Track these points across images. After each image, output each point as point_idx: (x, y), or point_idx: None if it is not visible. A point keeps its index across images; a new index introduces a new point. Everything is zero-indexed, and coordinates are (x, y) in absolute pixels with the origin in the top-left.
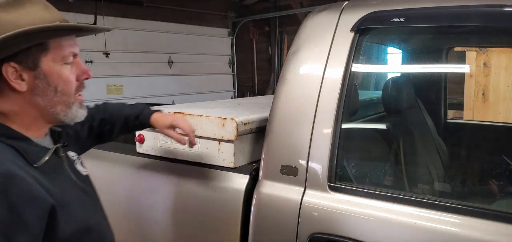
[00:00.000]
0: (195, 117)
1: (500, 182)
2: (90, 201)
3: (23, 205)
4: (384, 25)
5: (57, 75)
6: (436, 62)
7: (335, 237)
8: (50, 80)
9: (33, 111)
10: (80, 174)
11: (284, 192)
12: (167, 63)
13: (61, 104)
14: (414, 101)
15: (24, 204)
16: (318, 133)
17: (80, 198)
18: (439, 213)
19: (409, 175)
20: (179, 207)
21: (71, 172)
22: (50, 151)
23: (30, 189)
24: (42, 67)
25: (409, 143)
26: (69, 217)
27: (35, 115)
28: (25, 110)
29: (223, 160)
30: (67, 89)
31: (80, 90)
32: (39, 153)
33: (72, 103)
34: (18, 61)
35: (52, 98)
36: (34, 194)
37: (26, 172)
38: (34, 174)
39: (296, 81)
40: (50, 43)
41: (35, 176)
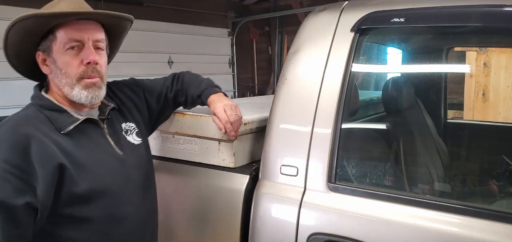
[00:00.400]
0: (195, 117)
1: (500, 182)
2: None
3: (38, 161)
4: (384, 25)
5: (61, 60)
6: (436, 62)
7: (335, 237)
8: (58, 64)
9: (59, 91)
10: (129, 143)
11: (284, 192)
12: (167, 63)
13: (67, 85)
14: (414, 101)
15: (39, 160)
16: (318, 133)
17: (108, 164)
18: (439, 213)
19: (409, 175)
20: (179, 207)
21: (111, 141)
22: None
23: (43, 149)
24: (53, 55)
25: (409, 143)
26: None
27: (60, 93)
28: (54, 89)
29: (223, 160)
30: (69, 72)
31: (86, 75)
32: (67, 122)
33: (74, 85)
34: (42, 49)
35: (61, 79)
36: (46, 153)
37: (46, 135)
38: (57, 138)
39: (296, 81)
40: (57, 32)
41: (56, 140)
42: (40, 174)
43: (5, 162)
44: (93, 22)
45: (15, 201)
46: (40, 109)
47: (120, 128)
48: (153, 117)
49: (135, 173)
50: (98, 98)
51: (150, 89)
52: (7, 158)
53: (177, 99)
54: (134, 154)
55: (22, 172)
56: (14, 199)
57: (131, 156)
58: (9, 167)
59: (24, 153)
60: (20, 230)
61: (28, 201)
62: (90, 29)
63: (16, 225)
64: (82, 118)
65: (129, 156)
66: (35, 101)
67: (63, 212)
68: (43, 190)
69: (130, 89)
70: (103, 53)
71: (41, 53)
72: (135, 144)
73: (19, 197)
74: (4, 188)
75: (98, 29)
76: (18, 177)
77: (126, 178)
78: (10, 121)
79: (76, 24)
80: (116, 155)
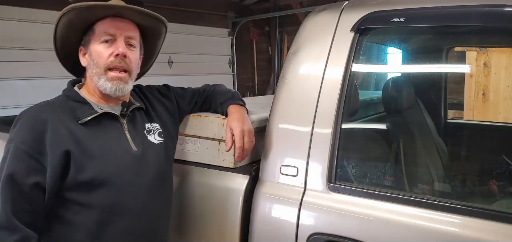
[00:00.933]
0: (195, 117)
1: (500, 182)
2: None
3: (50, 145)
4: (384, 25)
5: (94, 51)
6: (436, 62)
7: (335, 237)
8: (92, 56)
9: (91, 82)
10: (148, 141)
11: (284, 192)
12: (167, 63)
13: (96, 75)
14: (414, 101)
15: (50, 144)
16: (318, 133)
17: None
18: (439, 213)
19: (409, 175)
20: (179, 206)
21: (128, 136)
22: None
23: (56, 134)
24: (90, 48)
25: (409, 143)
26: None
27: (93, 86)
28: (89, 81)
29: (223, 160)
30: (99, 62)
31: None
32: (85, 113)
33: (101, 74)
34: (83, 44)
35: (92, 69)
36: (57, 138)
37: (63, 122)
38: (72, 126)
39: (296, 81)
40: (95, 26)
41: (71, 128)
42: (50, 157)
43: (23, 142)
44: (128, 21)
45: (26, 179)
46: (66, 100)
47: (143, 127)
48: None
49: (145, 170)
50: (122, 91)
51: (182, 93)
52: (25, 139)
53: (204, 106)
54: (150, 151)
55: (36, 153)
56: (25, 177)
57: (147, 153)
58: (26, 147)
59: (40, 136)
60: (30, 207)
61: (38, 181)
62: (124, 26)
63: (26, 201)
64: (100, 112)
65: (144, 153)
66: (65, 92)
67: (67, 196)
68: (50, 172)
69: (161, 93)
70: (134, 50)
71: (82, 48)
72: (155, 143)
73: (31, 176)
74: (18, 166)
75: (132, 27)
76: (32, 157)
77: (135, 174)
78: (37, 106)
79: (112, 20)
80: (130, 150)
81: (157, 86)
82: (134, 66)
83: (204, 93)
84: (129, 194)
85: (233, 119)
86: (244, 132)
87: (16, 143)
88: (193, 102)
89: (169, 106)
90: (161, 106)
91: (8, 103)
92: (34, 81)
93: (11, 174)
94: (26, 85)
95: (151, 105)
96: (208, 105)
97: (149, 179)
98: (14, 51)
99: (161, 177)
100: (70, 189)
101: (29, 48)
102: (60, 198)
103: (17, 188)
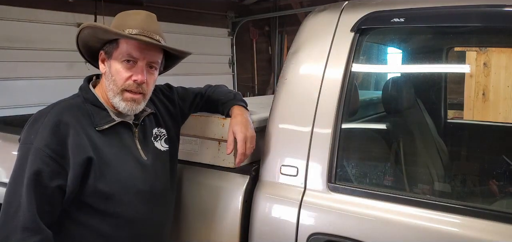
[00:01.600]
0: (195, 117)
1: (500, 182)
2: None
3: (72, 149)
4: (384, 25)
5: (115, 67)
6: (436, 62)
7: (335, 237)
8: (112, 69)
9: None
10: (156, 149)
11: (284, 192)
12: None
13: (111, 91)
14: (414, 101)
15: (73, 149)
16: (318, 133)
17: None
18: (439, 213)
19: (409, 175)
20: (179, 207)
21: (138, 146)
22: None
23: (78, 140)
24: (111, 60)
25: (409, 143)
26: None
27: (106, 96)
28: (103, 86)
29: (223, 160)
30: (117, 80)
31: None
32: (103, 120)
33: (117, 93)
34: (105, 51)
35: (109, 84)
36: (80, 144)
37: (83, 128)
38: (91, 132)
39: (296, 81)
40: (120, 42)
41: (90, 134)
42: (72, 162)
43: (46, 146)
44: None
45: (50, 182)
46: (84, 102)
47: (151, 133)
48: (185, 121)
49: (154, 179)
50: (134, 111)
51: (183, 95)
52: (49, 142)
53: (205, 106)
54: (157, 160)
55: (59, 157)
56: (49, 180)
57: (155, 162)
58: (49, 151)
59: (63, 140)
60: (51, 209)
61: (60, 184)
62: (149, 52)
63: (48, 203)
64: (118, 121)
65: (152, 162)
66: (83, 93)
67: (84, 200)
68: (72, 176)
69: (165, 95)
70: (154, 73)
71: (103, 53)
72: (162, 151)
73: (54, 179)
74: (43, 169)
75: (157, 53)
76: (55, 160)
77: (145, 182)
78: (57, 108)
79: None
80: (140, 159)
81: (161, 87)
82: (151, 88)
83: (205, 94)
84: (139, 202)
85: (236, 123)
86: (247, 137)
87: (38, 145)
88: (195, 104)
89: (172, 111)
90: (165, 110)
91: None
92: (34, 81)
93: (36, 176)
94: (26, 85)
95: (158, 109)
96: (209, 106)
97: (156, 187)
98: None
99: (167, 184)
100: (87, 195)
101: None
102: (76, 201)
103: (41, 190)
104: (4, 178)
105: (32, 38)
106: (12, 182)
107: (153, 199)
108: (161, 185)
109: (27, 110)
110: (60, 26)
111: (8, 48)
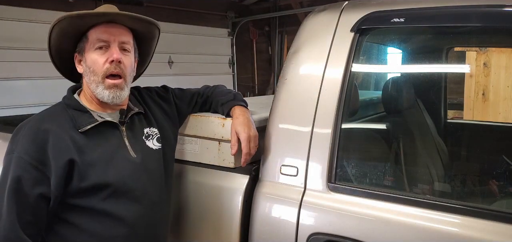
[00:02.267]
0: (195, 117)
1: (500, 182)
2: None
3: (53, 154)
4: (384, 25)
5: (90, 58)
6: (436, 62)
7: (335, 237)
8: (88, 63)
9: (88, 90)
10: (147, 147)
11: (284, 192)
12: (167, 63)
13: (93, 83)
14: (414, 101)
15: (53, 153)
16: (318, 133)
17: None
18: (439, 213)
19: (409, 175)
20: (179, 207)
21: (127, 143)
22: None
23: (59, 143)
24: (85, 55)
25: (409, 143)
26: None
27: (90, 93)
28: (85, 88)
29: (223, 160)
30: (96, 69)
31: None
32: (86, 122)
33: (99, 83)
34: (78, 51)
35: (90, 78)
36: (60, 147)
37: (65, 131)
38: (74, 135)
39: (296, 81)
40: (89, 34)
41: (73, 136)
42: (53, 166)
43: (26, 153)
44: (121, 26)
45: (32, 190)
46: (66, 108)
47: (141, 132)
48: (183, 121)
49: (145, 177)
50: (119, 98)
51: (180, 95)
52: (28, 149)
53: (204, 106)
54: (149, 158)
55: (39, 163)
56: (30, 188)
57: (145, 160)
58: (29, 158)
59: (42, 146)
60: (34, 218)
61: (42, 192)
62: (117, 32)
63: (31, 213)
64: (100, 121)
65: (143, 160)
66: (65, 101)
67: (71, 202)
68: (54, 180)
69: (160, 96)
70: (128, 55)
71: (77, 55)
72: (153, 149)
73: (35, 187)
74: (23, 177)
75: (125, 32)
76: (36, 167)
77: (135, 180)
78: (37, 117)
79: (105, 27)
80: (129, 157)
81: (156, 89)
82: (129, 71)
83: (204, 94)
84: (129, 201)
85: (239, 123)
86: (250, 137)
87: (18, 154)
88: (193, 103)
89: (167, 110)
90: (159, 110)
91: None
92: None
93: (16, 185)
94: (26, 85)
95: (150, 109)
96: (208, 106)
97: (148, 186)
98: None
99: (160, 183)
100: (73, 196)
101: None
102: (63, 203)
103: (22, 199)
104: None
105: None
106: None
107: (145, 197)
108: (153, 183)
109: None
110: None
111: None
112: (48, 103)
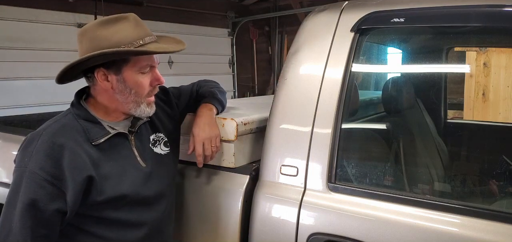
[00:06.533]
0: None
1: (500, 182)
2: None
3: (70, 170)
4: (384, 25)
5: (133, 81)
6: (436, 62)
7: (335, 237)
8: (128, 84)
9: (114, 105)
10: (155, 154)
11: (284, 192)
12: (167, 63)
13: (133, 102)
14: (414, 102)
15: (70, 169)
16: (318, 133)
17: (129, 175)
18: (439, 213)
19: (409, 175)
20: (179, 207)
21: (136, 153)
22: (108, 135)
23: (75, 159)
24: (123, 74)
25: (409, 143)
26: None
27: (115, 107)
28: (109, 103)
29: (223, 160)
30: (140, 92)
31: (152, 93)
32: (99, 134)
33: (141, 103)
34: (107, 67)
35: (127, 97)
36: (77, 164)
37: (80, 145)
38: (88, 148)
39: (296, 81)
40: (131, 57)
41: (87, 150)
42: (70, 182)
43: (41, 169)
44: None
45: (48, 206)
46: (76, 118)
47: (148, 139)
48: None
49: (155, 184)
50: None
51: (178, 94)
52: (43, 165)
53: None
54: (158, 165)
55: (55, 179)
56: (46, 204)
57: (155, 167)
58: (45, 174)
59: (58, 162)
60: (47, 232)
61: (59, 207)
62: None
63: (45, 226)
64: (113, 133)
65: (152, 168)
66: (74, 111)
67: (87, 213)
68: (72, 196)
69: (161, 99)
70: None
71: (103, 70)
72: (162, 154)
73: (51, 202)
74: (38, 193)
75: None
76: (52, 183)
77: (146, 189)
78: (49, 130)
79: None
80: (139, 167)
81: (157, 94)
82: None
83: (198, 90)
84: (142, 207)
85: (195, 125)
86: (204, 139)
87: (32, 169)
88: (190, 103)
89: (170, 113)
90: (163, 114)
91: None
92: (34, 81)
93: (32, 202)
94: (26, 85)
95: (155, 114)
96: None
97: (159, 192)
98: (14, 51)
99: (169, 187)
100: (89, 209)
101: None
102: (79, 214)
103: (37, 216)
104: (4, 178)
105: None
106: (6, 204)
107: (157, 202)
108: (163, 188)
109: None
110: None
111: (8, 48)
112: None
